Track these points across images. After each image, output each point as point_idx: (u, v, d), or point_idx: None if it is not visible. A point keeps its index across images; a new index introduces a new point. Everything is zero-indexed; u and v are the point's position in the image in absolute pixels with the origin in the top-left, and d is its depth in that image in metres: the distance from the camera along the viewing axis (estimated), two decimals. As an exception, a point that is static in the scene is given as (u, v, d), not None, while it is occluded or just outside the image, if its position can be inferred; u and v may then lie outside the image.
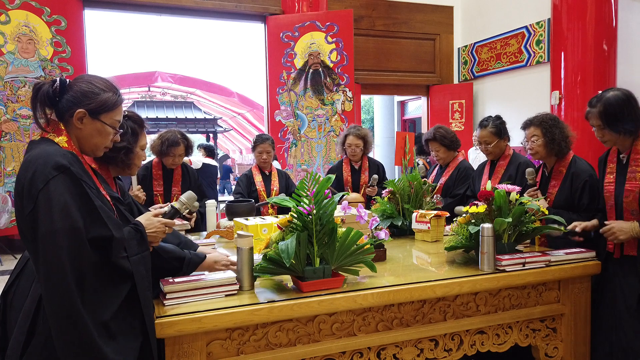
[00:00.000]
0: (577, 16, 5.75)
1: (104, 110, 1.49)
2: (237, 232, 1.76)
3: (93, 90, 1.47)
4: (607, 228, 2.06)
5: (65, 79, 1.48)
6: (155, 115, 14.04)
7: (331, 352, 1.71)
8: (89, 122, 1.47)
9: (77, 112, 1.45)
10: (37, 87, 1.45)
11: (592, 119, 2.13)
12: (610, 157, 2.22)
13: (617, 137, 2.09)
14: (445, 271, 1.98)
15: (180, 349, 1.52)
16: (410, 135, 3.45)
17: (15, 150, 5.96)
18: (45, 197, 1.30)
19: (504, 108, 7.01)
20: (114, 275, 1.39)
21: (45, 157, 1.35)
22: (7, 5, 5.79)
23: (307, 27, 6.86)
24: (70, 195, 1.33)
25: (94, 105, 1.47)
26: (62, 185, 1.32)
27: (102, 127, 1.50)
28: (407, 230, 2.71)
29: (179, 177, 3.25)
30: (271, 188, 3.54)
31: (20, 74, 5.92)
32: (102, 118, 1.49)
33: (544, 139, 2.47)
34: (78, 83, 1.48)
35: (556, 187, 2.45)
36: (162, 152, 3.12)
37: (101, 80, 1.52)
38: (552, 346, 2.08)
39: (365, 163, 3.86)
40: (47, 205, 1.29)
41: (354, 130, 3.78)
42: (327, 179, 1.73)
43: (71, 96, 1.45)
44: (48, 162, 1.33)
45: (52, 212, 1.29)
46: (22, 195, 1.33)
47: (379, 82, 8.11)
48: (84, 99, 1.46)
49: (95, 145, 1.53)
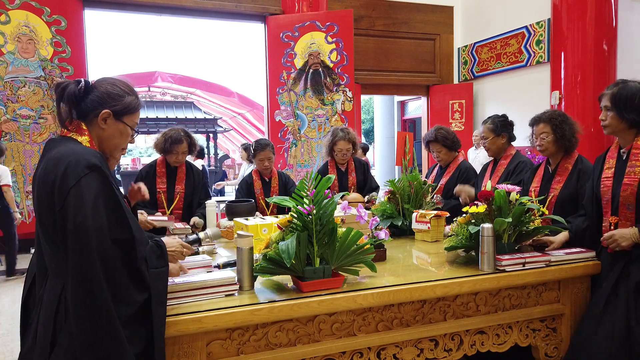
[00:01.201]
0: (577, 16, 5.75)
1: (128, 112, 1.53)
2: (237, 232, 1.76)
3: (118, 93, 1.51)
4: (609, 235, 2.04)
5: (89, 81, 1.51)
6: (155, 115, 14.04)
7: (331, 352, 1.71)
8: (112, 122, 1.51)
9: (103, 113, 1.48)
10: (63, 86, 1.47)
11: (604, 99, 2.12)
12: (610, 153, 2.20)
13: (618, 125, 2.07)
14: (445, 271, 1.98)
15: (180, 349, 1.52)
16: (410, 135, 3.45)
17: (15, 150, 5.97)
18: (76, 193, 1.32)
19: (504, 108, 7.01)
20: (134, 282, 1.40)
21: (76, 154, 1.37)
22: (7, 5, 5.80)
23: (307, 27, 6.86)
24: (102, 195, 1.36)
25: (119, 107, 1.51)
26: (94, 184, 1.35)
27: (124, 129, 1.54)
28: (407, 230, 2.71)
29: (183, 175, 3.25)
30: (270, 194, 3.45)
31: (20, 74, 5.92)
32: (125, 119, 1.54)
33: (554, 135, 2.46)
34: (103, 84, 1.52)
35: (561, 183, 2.45)
36: (165, 149, 3.13)
37: (124, 84, 1.56)
38: (552, 346, 2.08)
39: (351, 164, 3.75)
40: (78, 202, 1.31)
41: (343, 134, 3.61)
42: (327, 179, 1.73)
43: (96, 97, 1.49)
44: (80, 160, 1.36)
45: (84, 209, 1.31)
46: (52, 191, 1.34)
47: (379, 82, 8.11)
48: (110, 100, 1.50)
49: (115, 146, 1.56)
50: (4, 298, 4.56)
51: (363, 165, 3.84)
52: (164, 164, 3.23)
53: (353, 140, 3.64)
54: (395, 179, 3.00)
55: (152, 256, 1.46)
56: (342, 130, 3.66)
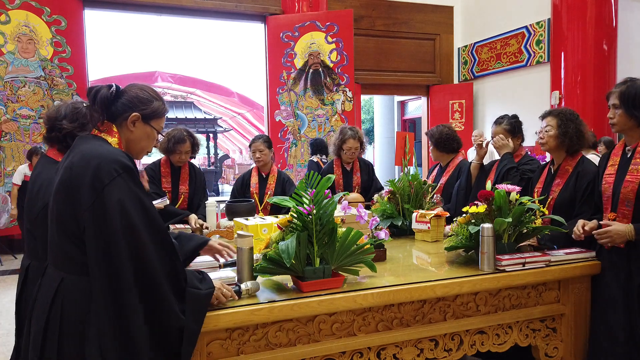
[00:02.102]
0: (577, 16, 5.75)
1: (155, 116, 1.59)
2: (238, 232, 1.76)
3: (147, 97, 1.57)
4: (604, 230, 2.04)
5: (119, 86, 1.57)
6: (155, 115, 14.01)
7: (331, 352, 1.71)
8: (141, 126, 1.56)
9: (132, 116, 1.53)
10: (95, 90, 1.52)
11: (612, 97, 2.10)
12: (615, 151, 2.19)
13: (626, 122, 2.06)
14: (445, 271, 1.98)
15: (180, 349, 1.52)
16: (410, 135, 3.45)
17: (15, 150, 5.97)
18: (113, 192, 1.34)
19: (504, 108, 7.01)
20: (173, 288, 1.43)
21: (107, 153, 1.41)
22: (7, 5, 5.80)
23: (307, 27, 6.86)
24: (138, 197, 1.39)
25: (149, 111, 1.56)
26: (128, 184, 1.38)
27: (151, 132, 1.59)
28: (407, 230, 2.71)
29: (187, 175, 3.28)
30: (265, 191, 3.46)
31: (20, 74, 5.92)
32: (152, 123, 1.59)
33: (557, 130, 2.42)
34: (132, 89, 1.57)
35: (560, 186, 2.41)
36: (169, 149, 3.15)
37: (152, 89, 1.62)
38: (552, 346, 2.07)
39: (356, 164, 3.77)
40: (119, 201, 1.34)
41: (352, 133, 3.65)
42: (327, 179, 1.73)
43: (126, 100, 1.54)
44: (113, 160, 1.39)
45: (129, 209, 1.34)
46: (80, 187, 1.36)
47: (379, 82, 8.11)
48: (140, 104, 1.55)
49: (142, 148, 1.61)
50: (4, 298, 4.56)
51: (368, 166, 3.87)
52: (168, 164, 3.25)
53: (361, 139, 3.69)
54: (395, 179, 3.00)
55: (193, 278, 1.49)
56: (352, 129, 3.70)
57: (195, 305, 1.44)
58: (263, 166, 3.50)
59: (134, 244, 1.34)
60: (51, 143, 2.12)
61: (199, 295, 1.46)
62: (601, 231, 2.04)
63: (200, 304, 1.46)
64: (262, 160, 3.45)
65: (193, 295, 1.45)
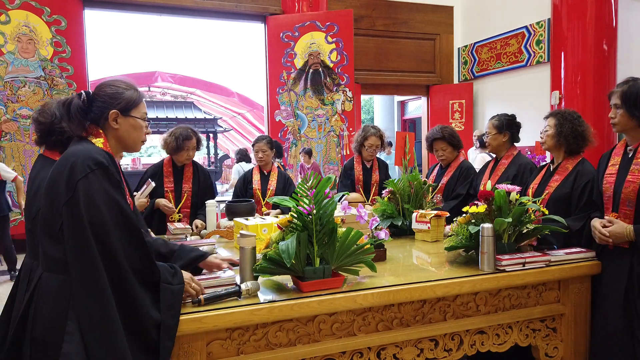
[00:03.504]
0: (577, 16, 5.75)
1: (133, 106, 1.61)
2: (240, 232, 1.76)
3: (117, 91, 1.59)
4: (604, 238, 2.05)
5: (89, 91, 1.59)
6: (155, 115, 14.05)
7: (331, 352, 1.71)
8: (123, 120, 1.59)
9: (111, 114, 1.56)
10: (67, 102, 1.54)
11: (614, 97, 2.11)
12: (616, 151, 2.19)
13: (627, 122, 2.06)
14: (445, 271, 1.98)
15: (180, 349, 1.52)
16: (411, 135, 3.46)
17: (15, 150, 5.97)
18: (84, 186, 1.38)
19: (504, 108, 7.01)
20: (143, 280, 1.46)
21: (84, 152, 1.45)
22: (7, 5, 5.79)
23: (307, 27, 6.86)
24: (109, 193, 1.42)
25: (124, 104, 1.59)
26: (100, 180, 1.41)
27: (134, 122, 1.62)
28: (407, 230, 2.71)
29: (190, 174, 3.31)
30: (267, 187, 3.61)
31: (20, 74, 5.92)
32: (132, 113, 1.61)
33: (554, 129, 2.48)
34: (102, 89, 1.59)
35: (558, 182, 2.44)
36: (178, 147, 3.18)
37: (120, 81, 1.63)
38: (552, 346, 2.08)
39: (375, 162, 3.97)
40: (85, 195, 1.37)
41: (375, 130, 3.85)
42: (327, 179, 1.73)
43: (100, 102, 1.56)
44: (88, 157, 1.43)
45: (97, 203, 1.37)
46: (58, 185, 1.40)
47: (379, 82, 8.11)
48: (113, 100, 1.57)
49: (134, 140, 1.64)
50: (4, 298, 4.56)
51: (385, 166, 4.06)
52: (171, 163, 3.29)
53: (382, 137, 3.88)
54: (395, 179, 3.00)
55: (166, 274, 1.50)
56: (374, 127, 3.92)
57: (169, 301, 1.46)
58: (264, 165, 3.70)
59: (101, 240, 1.36)
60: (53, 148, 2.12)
61: (172, 291, 1.48)
62: (601, 238, 2.06)
63: (173, 299, 1.48)
64: (264, 160, 3.66)
65: (166, 291, 1.47)
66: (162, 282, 1.47)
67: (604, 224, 2.09)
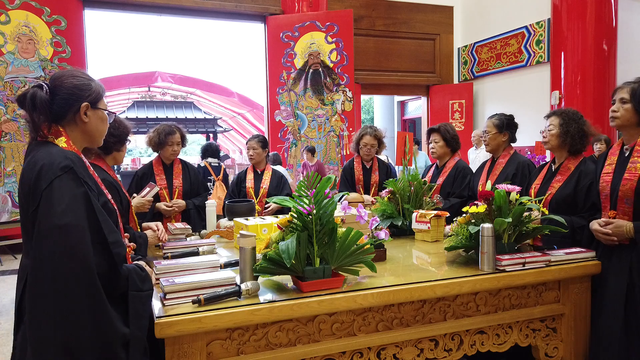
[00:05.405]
0: (577, 16, 5.75)
1: (99, 97, 1.54)
2: (240, 232, 1.76)
3: (84, 83, 1.50)
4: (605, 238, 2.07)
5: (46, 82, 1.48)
6: (155, 115, 14.05)
7: (331, 352, 1.71)
8: (92, 113, 1.51)
9: (83, 106, 1.47)
10: (30, 95, 1.43)
11: (621, 92, 2.12)
12: (613, 150, 2.20)
13: (630, 118, 2.07)
14: (445, 271, 1.98)
15: (180, 349, 1.52)
16: (410, 135, 3.46)
17: (15, 150, 5.97)
18: (48, 195, 1.33)
19: (504, 108, 7.02)
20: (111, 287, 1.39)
21: (49, 158, 1.38)
22: (7, 5, 5.79)
23: (307, 27, 6.86)
24: (75, 196, 1.35)
25: (94, 95, 1.50)
26: (66, 185, 1.35)
27: (102, 114, 1.55)
28: (407, 230, 2.71)
29: (179, 171, 3.41)
30: (260, 186, 3.69)
31: (20, 74, 5.92)
32: (99, 105, 1.54)
33: (559, 129, 2.46)
34: (65, 80, 1.47)
35: (560, 182, 2.43)
36: (161, 142, 3.26)
37: (81, 72, 1.55)
38: (552, 346, 2.08)
39: (375, 163, 4.00)
40: (49, 203, 1.32)
41: (371, 130, 3.90)
42: (327, 179, 1.73)
43: (65, 94, 1.45)
44: (53, 163, 1.36)
45: (55, 209, 1.31)
46: (28, 194, 1.37)
47: (379, 82, 8.11)
48: (83, 92, 1.48)
49: (100, 133, 1.57)
50: (4, 298, 4.56)
51: (386, 167, 4.09)
52: (160, 162, 3.39)
53: (379, 137, 3.93)
54: (395, 178, 3.00)
55: (136, 279, 1.44)
56: (371, 127, 3.99)
57: (137, 309, 1.40)
58: (257, 164, 3.78)
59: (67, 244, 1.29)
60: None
61: (140, 297, 1.42)
62: (604, 237, 2.07)
63: (142, 306, 1.42)
64: (254, 158, 3.74)
65: (134, 298, 1.41)
66: (131, 290, 1.40)
67: (601, 224, 2.10)
